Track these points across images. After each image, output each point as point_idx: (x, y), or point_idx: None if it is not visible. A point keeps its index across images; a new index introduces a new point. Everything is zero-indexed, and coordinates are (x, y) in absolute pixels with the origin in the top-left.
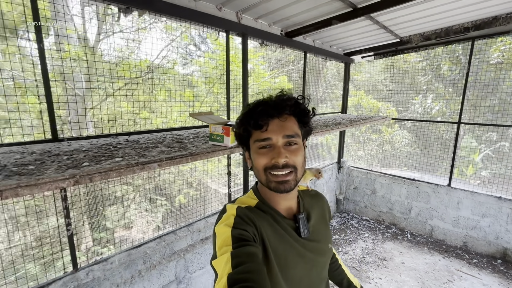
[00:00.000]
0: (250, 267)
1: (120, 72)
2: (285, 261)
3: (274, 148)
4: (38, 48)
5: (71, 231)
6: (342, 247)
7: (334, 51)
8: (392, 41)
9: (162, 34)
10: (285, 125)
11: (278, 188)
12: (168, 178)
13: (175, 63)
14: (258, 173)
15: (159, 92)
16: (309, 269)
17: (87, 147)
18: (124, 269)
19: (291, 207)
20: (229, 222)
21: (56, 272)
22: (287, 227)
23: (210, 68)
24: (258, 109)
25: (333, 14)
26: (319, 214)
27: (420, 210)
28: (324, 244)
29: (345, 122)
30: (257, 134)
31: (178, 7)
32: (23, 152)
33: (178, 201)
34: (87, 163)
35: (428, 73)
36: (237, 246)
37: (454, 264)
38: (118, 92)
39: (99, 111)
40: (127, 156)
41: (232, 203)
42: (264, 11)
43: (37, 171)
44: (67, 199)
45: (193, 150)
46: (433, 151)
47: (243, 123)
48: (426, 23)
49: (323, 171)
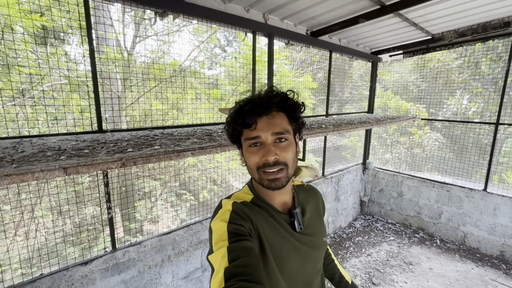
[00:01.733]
0: (246, 261)
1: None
2: (281, 255)
3: (264, 146)
4: (89, 50)
5: (111, 214)
6: (365, 248)
7: (360, 50)
8: (422, 39)
9: (190, 37)
10: (273, 122)
11: (270, 185)
12: (194, 175)
13: (203, 65)
14: (251, 171)
15: (187, 91)
16: (304, 263)
17: (128, 138)
18: (155, 253)
19: (286, 201)
20: (224, 218)
21: (98, 250)
22: (282, 222)
23: (236, 69)
24: (246, 108)
25: (360, 12)
26: (314, 209)
27: (451, 215)
28: (318, 238)
29: (371, 121)
30: (247, 132)
31: (209, 10)
32: (76, 140)
33: (202, 196)
34: (130, 149)
35: (464, 71)
36: (233, 241)
37: (489, 274)
38: (150, 91)
39: (132, 108)
40: (164, 145)
41: (228, 199)
42: (290, 12)
43: (91, 154)
44: (108, 185)
45: (222, 142)
46: (469, 156)
47: (232, 122)
48: (460, 18)
49: (319, 173)
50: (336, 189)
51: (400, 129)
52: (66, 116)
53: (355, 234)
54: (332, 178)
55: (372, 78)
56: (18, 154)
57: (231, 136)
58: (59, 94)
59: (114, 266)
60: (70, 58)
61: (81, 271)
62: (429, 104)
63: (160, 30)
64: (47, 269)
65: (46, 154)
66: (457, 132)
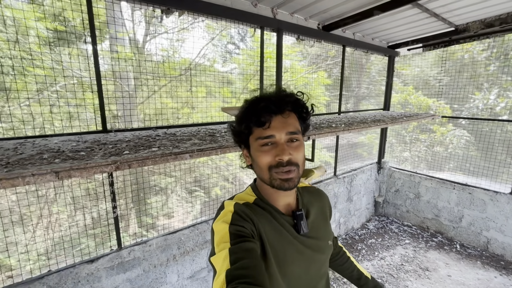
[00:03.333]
0: (248, 263)
1: (163, 71)
2: (283, 257)
3: (277, 145)
4: (92, 50)
5: (116, 214)
6: (378, 251)
7: (376, 44)
8: (445, 30)
9: (203, 33)
10: (288, 122)
11: (282, 185)
12: (206, 171)
13: (214, 61)
14: (261, 171)
15: (198, 89)
16: (308, 266)
17: (129, 138)
18: (160, 252)
19: (289, 203)
20: (226, 219)
21: (104, 249)
22: (285, 224)
23: (247, 65)
24: (260, 105)
25: (375, 4)
26: (318, 211)
27: (473, 219)
28: (323, 241)
29: (386, 119)
30: (259, 131)
31: (215, 6)
32: (78, 141)
33: (215, 193)
34: (127, 151)
35: (492, 64)
36: (235, 242)
37: None
38: (161, 89)
39: (144, 106)
40: (163, 146)
41: (230, 200)
42: (300, 5)
43: (87, 156)
44: (113, 184)
45: (223, 143)
46: (495, 154)
47: (243, 120)
48: (487, 7)
49: (325, 168)
50: (348, 189)
51: (420, 126)
52: (73, 116)
53: (368, 236)
54: (344, 178)
55: (388, 73)
56: (16, 157)
57: (240, 134)
58: (66, 94)
59: (119, 264)
60: (78, 59)
61: (87, 268)
62: (453, 99)
63: (170, 28)
64: (55, 266)
65: (43, 157)
66: (486, 129)
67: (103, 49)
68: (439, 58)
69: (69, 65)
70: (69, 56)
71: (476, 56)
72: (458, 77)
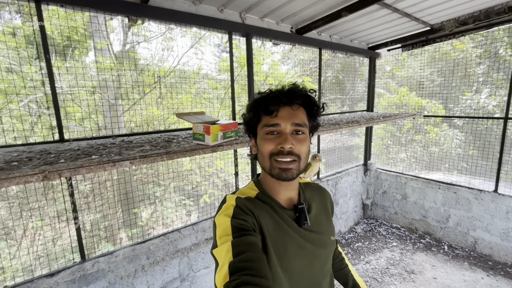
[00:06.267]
0: (251, 256)
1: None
2: (284, 251)
3: (281, 135)
4: (45, 59)
5: (78, 224)
6: (364, 255)
7: (355, 45)
8: (420, 30)
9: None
10: (295, 113)
11: (280, 175)
12: (195, 179)
13: (200, 69)
14: (263, 159)
15: (180, 96)
16: (310, 261)
17: (82, 147)
18: (128, 263)
19: (291, 198)
20: (228, 213)
21: (66, 262)
22: (287, 218)
23: (225, 71)
24: (270, 96)
25: (342, 5)
26: (320, 206)
27: (460, 219)
28: (325, 236)
29: (361, 120)
30: (266, 119)
31: (178, 13)
32: (24, 151)
33: (203, 201)
34: (63, 160)
35: (484, 62)
36: (237, 235)
37: (501, 284)
38: (141, 98)
39: (127, 115)
40: (106, 154)
41: (233, 194)
42: (268, 9)
43: (17, 167)
44: (73, 195)
45: (171, 149)
46: (494, 153)
47: (253, 107)
48: (460, 5)
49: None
50: (333, 192)
51: (415, 127)
52: (37, 125)
53: (355, 240)
54: (328, 181)
55: (370, 74)
56: None
57: (249, 121)
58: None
59: (81, 277)
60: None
61: (46, 283)
62: (447, 99)
63: (151, 37)
64: (11, 281)
65: None
66: (480, 128)
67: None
68: (432, 58)
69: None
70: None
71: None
72: (451, 77)
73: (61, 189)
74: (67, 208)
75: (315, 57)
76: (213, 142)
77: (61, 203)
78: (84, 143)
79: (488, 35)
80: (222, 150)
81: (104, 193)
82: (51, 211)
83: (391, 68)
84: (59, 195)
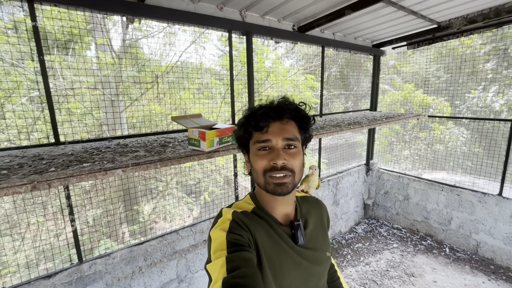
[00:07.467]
0: (245, 272)
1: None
2: (280, 268)
3: (273, 150)
4: (39, 59)
5: (75, 227)
6: (364, 256)
7: (359, 43)
8: (427, 28)
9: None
10: (286, 128)
11: (275, 190)
12: (197, 176)
13: (201, 66)
14: (257, 176)
15: (181, 93)
16: (305, 278)
17: (76, 151)
18: (125, 265)
19: (287, 213)
20: (224, 227)
21: (63, 260)
22: (283, 234)
23: (226, 69)
24: (260, 112)
25: (345, 3)
26: (317, 222)
27: (462, 221)
28: (321, 253)
29: (363, 121)
30: (257, 135)
31: (176, 11)
32: (17, 156)
33: (203, 198)
34: (53, 168)
35: (492, 59)
36: (232, 250)
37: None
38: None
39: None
40: (99, 161)
41: (229, 208)
42: (269, 7)
43: (5, 176)
44: (70, 197)
45: (166, 156)
46: (500, 152)
47: (244, 124)
48: (469, 2)
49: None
50: (334, 192)
51: (419, 124)
52: (33, 128)
53: (356, 240)
54: (329, 181)
55: (374, 73)
56: None
57: (240, 138)
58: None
59: (78, 279)
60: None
61: (43, 285)
62: (454, 96)
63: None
64: (8, 283)
65: None
66: (486, 126)
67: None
68: (439, 54)
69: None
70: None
71: (475, 51)
72: (458, 73)
73: (57, 192)
74: (63, 209)
75: (320, 51)
76: (209, 148)
77: (58, 205)
78: (79, 146)
79: (497, 32)
80: (218, 156)
81: (107, 188)
82: (52, 206)
83: (395, 62)
84: (56, 197)
